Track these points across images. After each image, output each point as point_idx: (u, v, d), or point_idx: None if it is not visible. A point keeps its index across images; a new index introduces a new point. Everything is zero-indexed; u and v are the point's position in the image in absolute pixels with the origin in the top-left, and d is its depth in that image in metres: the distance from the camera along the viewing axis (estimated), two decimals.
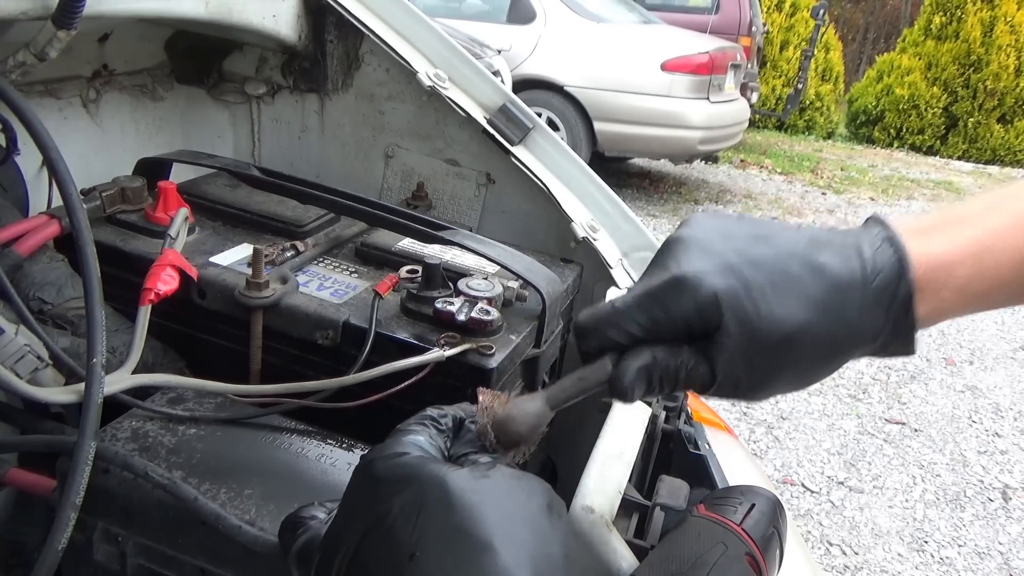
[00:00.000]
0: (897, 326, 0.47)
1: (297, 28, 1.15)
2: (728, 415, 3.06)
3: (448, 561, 0.38)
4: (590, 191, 1.08)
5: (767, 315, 0.46)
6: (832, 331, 0.47)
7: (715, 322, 0.46)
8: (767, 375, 0.48)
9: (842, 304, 0.46)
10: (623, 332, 0.48)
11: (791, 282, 0.46)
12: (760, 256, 0.47)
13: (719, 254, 0.47)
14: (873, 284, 0.46)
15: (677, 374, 0.48)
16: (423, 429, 0.48)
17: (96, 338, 0.62)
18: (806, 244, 0.48)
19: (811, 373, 0.49)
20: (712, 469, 0.85)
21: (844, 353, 0.48)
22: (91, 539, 0.65)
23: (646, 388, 0.49)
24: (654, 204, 6.07)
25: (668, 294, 0.47)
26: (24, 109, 0.70)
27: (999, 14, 9.37)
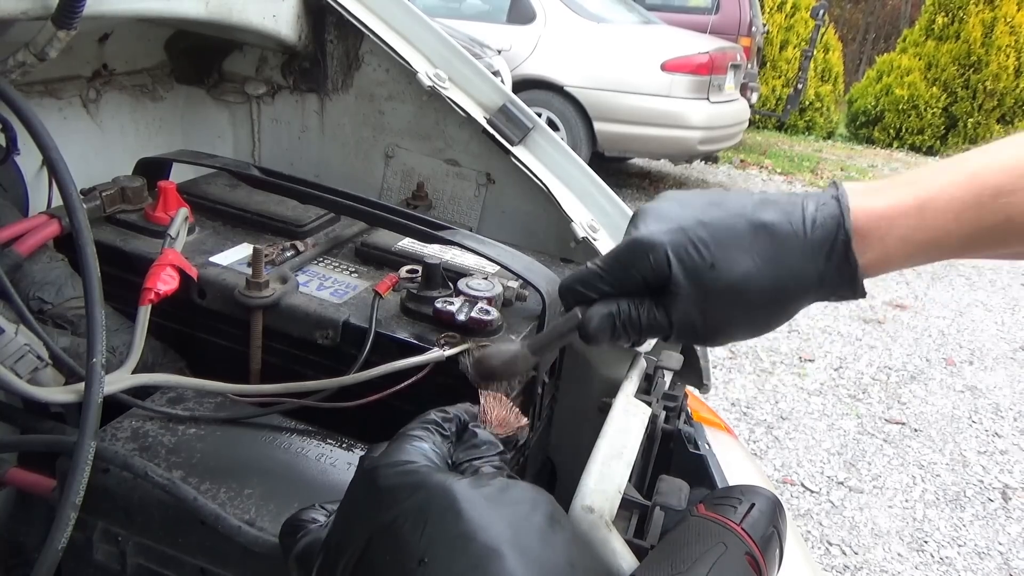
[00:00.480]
0: (840, 270, 0.52)
1: (297, 28, 1.15)
2: (728, 415, 3.06)
3: (457, 566, 0.39)
4: (590, 191, 1.08)
5: (711, 264, 0.53)
6: (775, 278, 0.53)
7: (667, 275, 0.53)
8: (718, 320, 0.55)
9: (783, 253, 0.52)
10: (593, 288, 0.57)
11: (736, 236, 0.53)
12: (709, 217, 0.54)
13: (673, 219, 0.54)
14: (813, 235, 0.52)
15: (638, 321, 0.55)
16: (428, 435, 0.48)
17: (96, 338, 0.62)
18: (754, 205, 0.55)
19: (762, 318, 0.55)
20: (712, 469, 0.85)
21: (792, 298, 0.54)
22: (91, 539, 0.65)
23: (611, 333, 0.56)
24: None
25: (628, 254, 0.55)
26: (24, 109, 0.70)
27: (999, 15, 9.37)
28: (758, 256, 0.52)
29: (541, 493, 0.45)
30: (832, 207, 0.52)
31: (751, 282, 0.52)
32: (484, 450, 0.50)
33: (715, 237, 0.53)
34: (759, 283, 0.52)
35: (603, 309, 0.56)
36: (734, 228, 0.53)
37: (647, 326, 0.55)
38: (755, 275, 0.52)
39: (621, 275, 0.55)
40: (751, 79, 7.02)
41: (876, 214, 0.52)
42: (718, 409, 1.89)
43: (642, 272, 0.54)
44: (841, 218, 0.52)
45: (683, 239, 0.53)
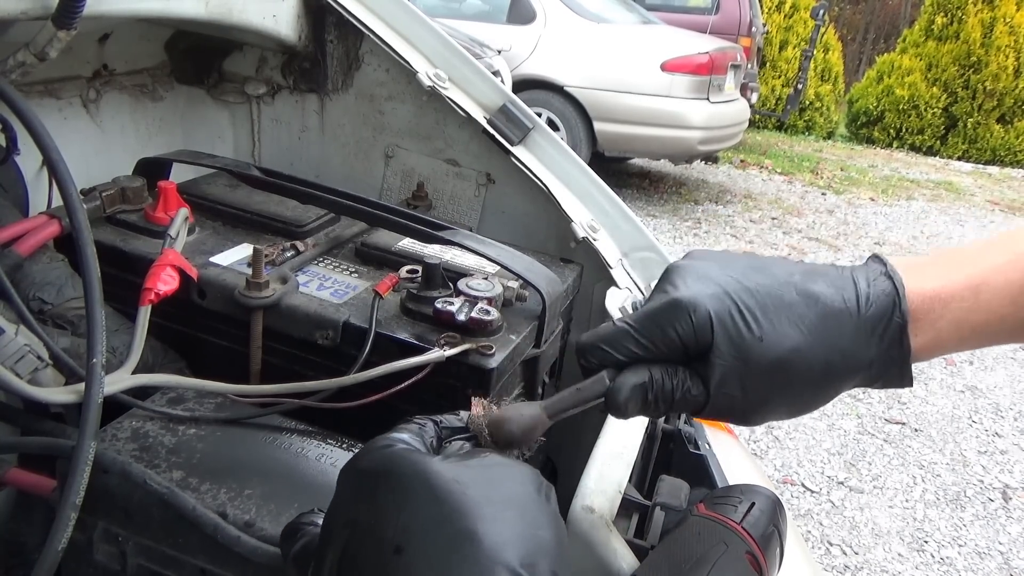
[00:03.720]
0: (891, 355, 0.48)
1: (297, 28, 1.15)
2: None
3: (433, 552, 0.38)
4: (590, 191, 1.08)
5: (760, 337, 0.48)
6: (825, 356, 0.48)
7: (709, 343, 0.48)
8: (760, 397, 0.49)
9: (835, 331, 0.48)
10: (623, 349, 0.50)
11: (785, 307, 0.48)
12: (755, 283, 0.49)
13: (716, 281, 0.49)
14: (867, 313, 0.48)
15: (672, 393, 0.50)
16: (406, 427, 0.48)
17: (96, 338, 0.62)
18: (802, 274, 0.50)
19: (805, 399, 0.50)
20: (712, 469, 0.85)
21: (838, 380, 0.49)
22: (91, 539, 0.65)
23: (641, 405, 0.50)
24: (654, 204, 6.07)
25: (665, 315, 0.49)
26: (24, 109, 0.70)
27: (999, 15, 9.37)
28: (808, 331, 0.48)
29: (526, 468, 0.44)
30: (885, 285, 0.49)
31: (800, 358, 0.48)
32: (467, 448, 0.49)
33: (763, 305, 0.48)
34: (808, 360, 0.48)
35: (634, 379, 0.50)
36: (783, 297, 0.48)
37: (680, 399, 0.50)
38: (805, 351, 0.48)
39: (656, 336, 0.49)
40: (751, 79, 7.02)
41: (929, 295, 0.48)
42: None
43: (681, 334, 0.48)
44: (896, 296, 0.48)
45: (728, 305, 0.48)
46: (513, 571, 0.37)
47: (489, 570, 0.37)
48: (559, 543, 0.41)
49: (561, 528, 0.42)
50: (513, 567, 0.37)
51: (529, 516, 0.41)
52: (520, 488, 0.42)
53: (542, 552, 0.39)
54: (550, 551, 0.40)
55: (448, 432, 0.51)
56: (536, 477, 0.44)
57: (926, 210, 6.78)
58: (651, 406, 0.50)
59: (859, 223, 6.10)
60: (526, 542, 0.39)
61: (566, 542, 0.42)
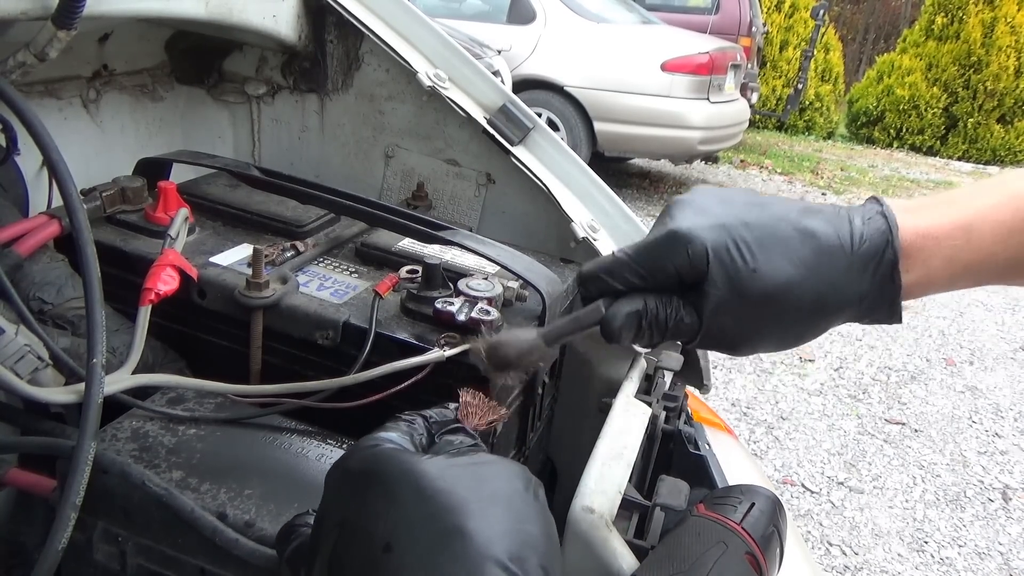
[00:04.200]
0: (882, 290, 0.50)
1: (297, 28, 1.15)
2: (728, 415, 3.06)
3: (421, 549, 0.38)
4: (590, 191, 1.08)
5: (753, 269, 0.49)
6: (816, 289, 0.50)
7: (703, 273, 0.50)
8: (751, 328, 0.51)
9: (828, 265, 0.49)
10: (620, 279, 0.52)
11: (779, 241, 0.50)
12: (752, 218, 0.50)
13: (714, 214, 0.51)
14: (860, 249, 0.49)
15: (666, 321, 0.51)
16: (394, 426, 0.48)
17: (96, 338, 0.62)
18: (799, 211, 0.52)
19: (795, 330, 0.52)
20: (712, 469, 0.85)
21: (828, 314, 0.51)
22: (91, 539, 0.64)
23: (635, 332, 0.52)
24: (654, 204, 6.07)
25: (662, 246, 0.51)
26: (24, 109, 0.70)
27: (999, 15, 9.37)
28: (801, 265, 0.49)
29: (514, 464, 0.44)
30: (879, 222, 0.50)
31: (792, 291, 0.49)
32: (459, 441, 0.49)
33: (758, 239, 0.49)
34: (799, 293, 0.49)
35: (629, 306, 0.51)
36: (778, 233, 0.50)
37: (674, 327, 0.51)
38: (797, 284, 0.49)
39: (652, 267, 0.51)
40: (751, 79, 7.02)
41: (921, 232, 0.49)
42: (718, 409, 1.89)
43: (677, 266, 0.50)
44: (889, 234, 0.49)
45: (725, 237, 0.49)
46: (502, 566, 0.37)
47: (478, 565, 0.37)
48: (548, 538, 0.41)
49: (550, 524, 0.43)
50: (502, 562, 0.37)
51: (517, 512, 0.41)
52: (508, 484, 0.42)
53: (531, 547, 0.39)
54: (539, 546, 0.40)
55: (438, 426, 0.51)
56: (524, 473, 0.44)
57: None
58: (645, 333, 0.52)
59: None
60: (515, 537, 0.39)
61: (556, 538, 0.42)
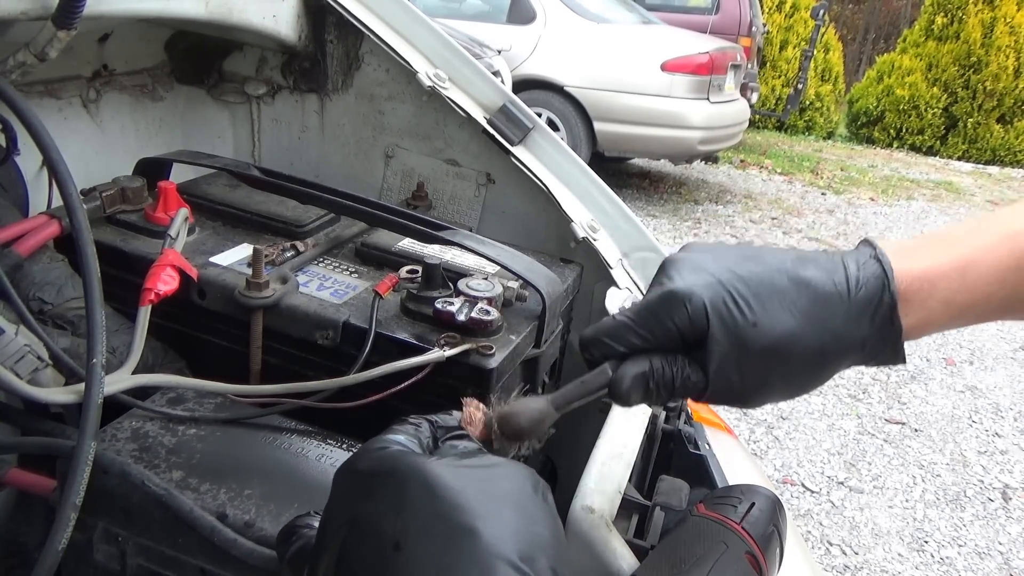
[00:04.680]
0: (883, 334, 0.50)
1: (297, 28, 1.15)
2: (728, 415, 3.06)
3: (432, 548, 0.39)
4: (590, 191, 1.08)
5: (753, 323, 0.49)
6: (818, 339, 0.50)
7: (705, 331, 0.50)
8: (757, 381, 0.51)
9: (827, 314, 0.50)
10: (623, 342, 0.53)
11: (777, 293, 0.50)
12: (748, 272, 0.51)
13: (709, 271, 0.51)
14: (857, 296, 0.50)
15: (673, 380, 0.52)
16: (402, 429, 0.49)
17: (96, 338, 0.62)
18: (793, 261, 0.52)
19: (801, 381, 0.52)
20: (712, 469, 0.85)
21: (832, 361, 0.51)
22: (91, 539, 0.65)
23: (643, 393, 0.52)
24: (654, 204, 6.07)
25: (662, 306, 0.51)
26: (24, 109, 0.70)
27: (999, 15, 9.37)
28: (800, 315, 0.49)
29: (521, 466, 0.44)
30: (874, 267, 0.50)
31: (794, 342, 0.49)
32: (463, 446, 0.50)
33: (755, 293, 0.50)
34: (802, 343, 0.49)
35: (636, 368, 0.52)
36: (774, 284, 0.50)
37: (681, 386, 0.52)
38: (798, 335, 0.49)
39: (654, 327, 0.52)
40: (751, 79, 7.02)
41: (918, 276, 0.50)
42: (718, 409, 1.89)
43: (678, 325, 0.51)
44: (885, 279, 0.49)
45: (722, 293, 0.50)
46: (513, 565, 0.38)
47: (489, 565, 0.37)
48: (556, 539, 0.41)
49: (558, 525, 0.43)
50: (513, 561, 0.38)
51: (526, 513, 0.41)
52: (516, 486, 0.42)
53: (540, 547, 0.40)
54: (548, 547, 0.40)
55: (443, 431, 0.51)
56: (532, 475, 0.44)
57: (926, 210, 6.78)
58: (653, 394, 0.52)
59: (859, 223, 6.10)
60: (524, 538, 0.39)
61: (563, 538, 0.43)
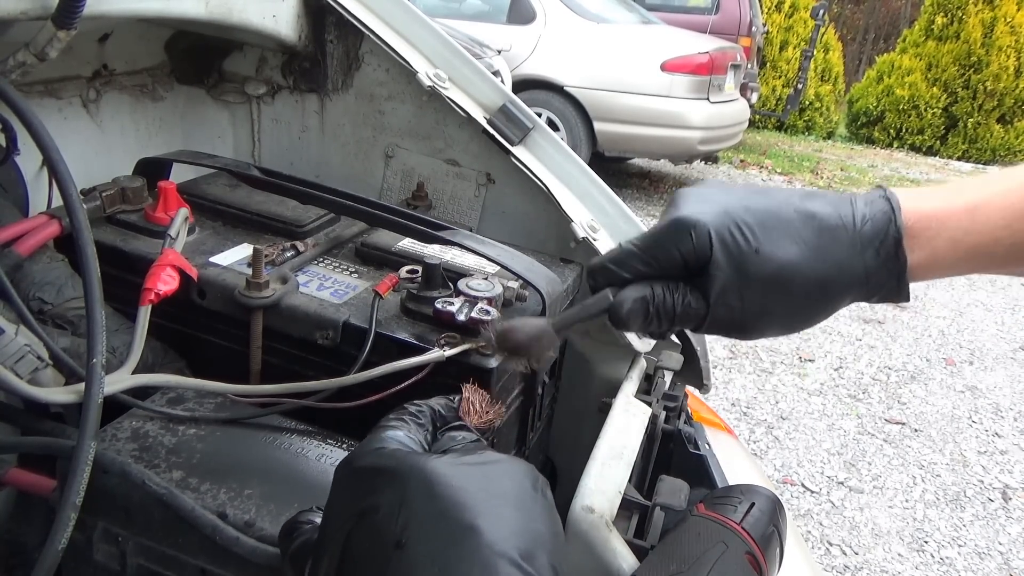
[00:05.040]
0: (888, 268, 0.50)
1: (297, 28, 1.15)
2: (728, 415, 3.06)
3: (434, 546, 0.39)
4: (590, 191, 1.08)
5: (756, 249, 0.50)
6: (821, 269, 0.50)
7: (708, 256, 0.50)
8: (758, 309, 0.51)
9: (831, 244, 0.50)
10: (627, 267, 0.53)
11: (782, 224, 0.50)
12: (754, 203, 0.51)
13: (717, 201, 0.52)
14: (863, 229, 0.50)
15: (673, 307, 0.52)
16: (402, 424, 0.49)
17: (96, 338, 0.62)
18: (800, 196, 0.52)
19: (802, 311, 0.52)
20: (712, 469, 0.85)
21: (834, 293, 0.51)
22: (91, 539, 0.65)
23: (643, 318, 0.53)
24: (654, 204, 6.07)
25: (667, 233, 0.51)
26: (24, 109, 0.70)
27: (999, 15, 9.37)
28: (804, 245, 0.50)
29: (520, 463, 0.45)
30: (882, 204, 0.51)
31: (796, 270, 0.50)
32: (461, 439, 0.50)
33: (761, 222, 0.50)
34: (804, 272, 0.50)
35: (636, 292, 0.52)
36: (780, 215, 0.51)
37: (682, 313, 0.52)
38: (801, 263, 0.50)
39: (658, 254, 0.52)
40: (751, 79, 7.02)
41: (926, 214, 0.50)
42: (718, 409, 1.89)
43: (682, 251, 0.51)
44: (892, 214, 0.50)
45: (727, 221, 0.50)
46: (514, 562, 0.38)
47: (490, 562, 0.38)
48: (556, 536, 0.42)
49: (557, 522, 0.43)
50: (514, 559, 0.38)
51: (527, 510, 0.41)
52: (516, 483, 0.43)
53: (540, 545, 0.40)
54: (547, 544, 0.40)
55: (442, 421, 0.51)
56: (532, 472, 0.44)
57: None
58: (652, 319, 0.52)
59: None
60: (525, 535, 0.40)
61: (562, 535, 0.43)
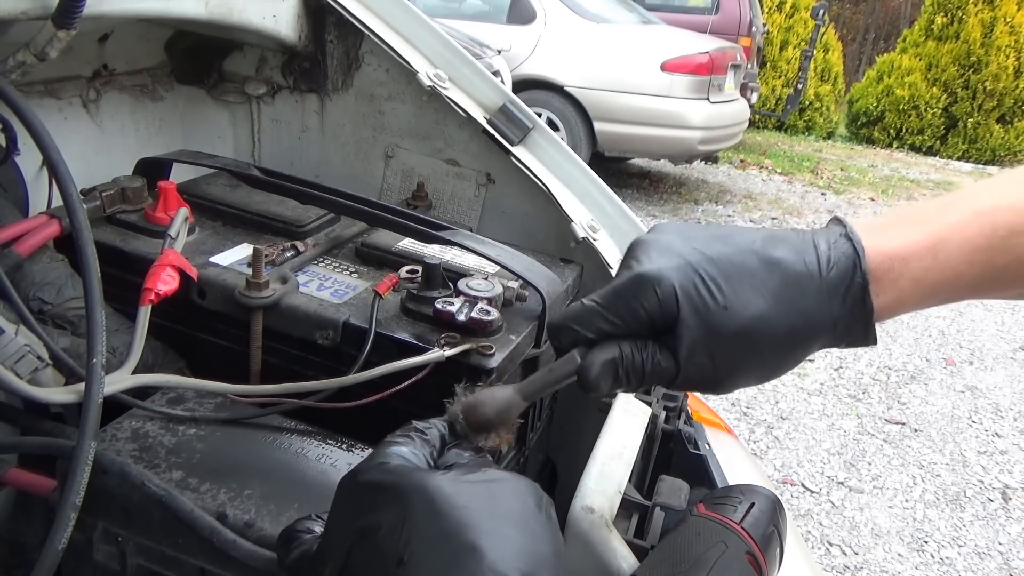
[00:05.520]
0: (854, 314, 0.49)
1: (297, 28, 1.15)
2: (728, 415, 3.06)
3: (436, 565, 0.38)
4: (590, 191, 1.08)
5: (724, 306, 0.48)
6: (788, 321, 0.49)
7: (675, 315, 0.49)
8: (728, 365, 0.50)
9: (798, 294, 0.49)
10: (591, 327, 0.51)
11: (747, 275, 0.49)
12: (717, 253, 0.50)
13: (678, 253, 0.50)
14: (828, 275, 0.49)
15: (643, 367, 0.50)
16: (407, 440, 0.48)
17: (96, 338, 0.62)
18: (763, 241, 0.51)
19: (772, 364, 0.51)
20: (712, 469, 0.85)
21: (803, 343, 0.50)
22: (91, 539, 0.65)
23: (613, 380, 0.51)
24: (654, 204, 6.07)
25: (631, 290, 0.50)
26: (24, 109, 0.70)
27: (999, 15, 9.37)
28: (771, 297, 0.48)
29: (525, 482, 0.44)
30: (845, 246, 0.49)
31: (765, 324, 0.48)
32: (467, 457, 0.49)
33: (726, 274, 0.49)
34: (772, 326, 0.48)
35: (604, 355, 0.50)
36: (744, 265, 0.49)
37: (651, 372, 0.50)
38: (769, 317, 0.48)
39: (623, 312, 0.50)
40: (751, 79, 7.02)
41: (889, 254, 0.49)
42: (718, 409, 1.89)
43: (647, 309, 0.49)
44: (856, 258, 0.49)
45: (691, 275, 0.49)
46: None
47: None
48: (558, 556, 0.41)
49: (559, 542, 0.43)
50: None
51: (529, 530, 0.41)
52: (520, 503, 0.42)
53: (543, 566, 0.40)
54: (550, 565, 0.40)
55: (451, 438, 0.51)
56: (536, 491, 0.44)
57: None
58: (623, 380, 0.51)
59: None
60: (527, 556, 0.39)
61: (564, 556, 0.42)
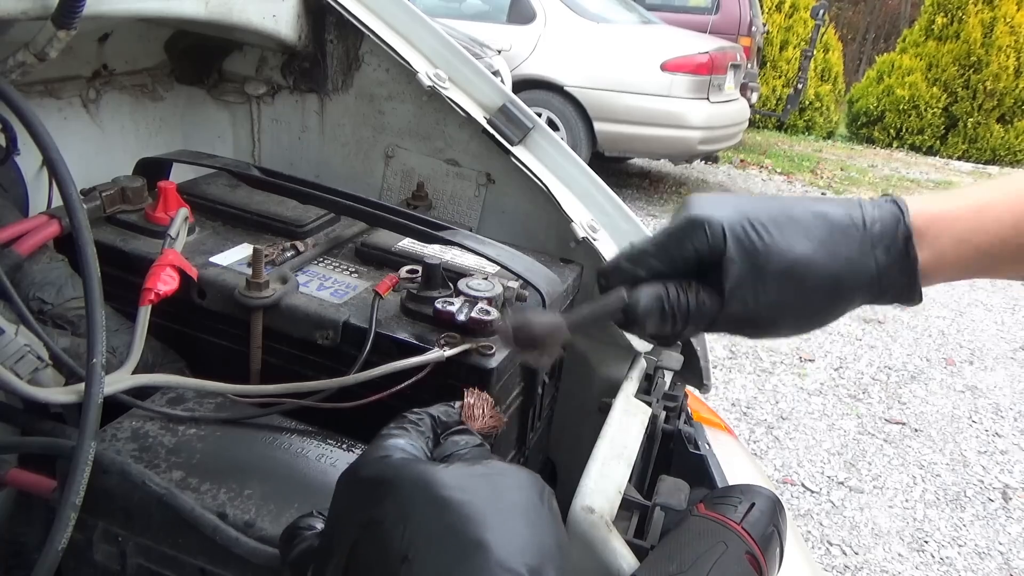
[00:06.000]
0: (899, 265, 0.51)
1: (297, 28, 1.15)
2: (728, 415, 3.06)
3: (441, 561, 0.38)
4: (590, 191, 1.08)
5: (769, 244, 0.51)
6: (833, 266, 0.51)
7: (722, 251, 0.51)
8: (771, 305, 0.52)
9: (843, 242, 0.51)
10: (642, 265, 0.53)
11: (794, 222, 0.52)
12: (766, 204, 0.53)
13: (729, 203, 0.53)
14: (872, 229, 0.51)
15: (688, 304, 0.52)
16: (403, 432, 0.48)
17: (96, 338, 0.62)
18: (811, 199, 0.54)
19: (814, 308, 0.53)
20: (712, 469, 0.85)
21: (846, 291, 0.52)
22: (91, 539, 0.65)
23: (659, 316, 0.52)
24: (654, 204, 6.07)
25: (682, 231, 0.52)
26: (24, 109, 0.70)
27: (999, 15, 9.37)
28: (817, 241, 0.51)
29: (527, 473, 0.44)
30: (890, 207, 0.52)
31: (809, 265, 0.50)
32: (464, 443, 0.49)
33: (773, 219, 0.51)
34: (817, 267, 0.50)
35: (651, 291, 0.52)
36: (792, 214, 0.52)
37: (696, 311, 0.52)
38: (814, 258, 0.50)
39: (672, 252, 0.52)
40: (751, 79, 7.02)
41: (933, 215, 0.51)
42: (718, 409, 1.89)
43: (696, 247, 0.51)
44: (900, 214, 0.51)
45: (741, 218, 0.51)
46: None
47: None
48: (561, 548, 0.41)
49: (562, 533, 0.43)
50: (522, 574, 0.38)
51: (534, 523, 0.41)
52: (523, 495, 0.42)
53: (549, 559, 0.39)
54: (556, 558, 0.40)
55: (443, 426, 0.51)
56: (538, 483, 0.44)
57: None
58: (668, 318, 0.52)
59: None
60: (534, 549, 0.39)
61: (567, 546, 0.42)
